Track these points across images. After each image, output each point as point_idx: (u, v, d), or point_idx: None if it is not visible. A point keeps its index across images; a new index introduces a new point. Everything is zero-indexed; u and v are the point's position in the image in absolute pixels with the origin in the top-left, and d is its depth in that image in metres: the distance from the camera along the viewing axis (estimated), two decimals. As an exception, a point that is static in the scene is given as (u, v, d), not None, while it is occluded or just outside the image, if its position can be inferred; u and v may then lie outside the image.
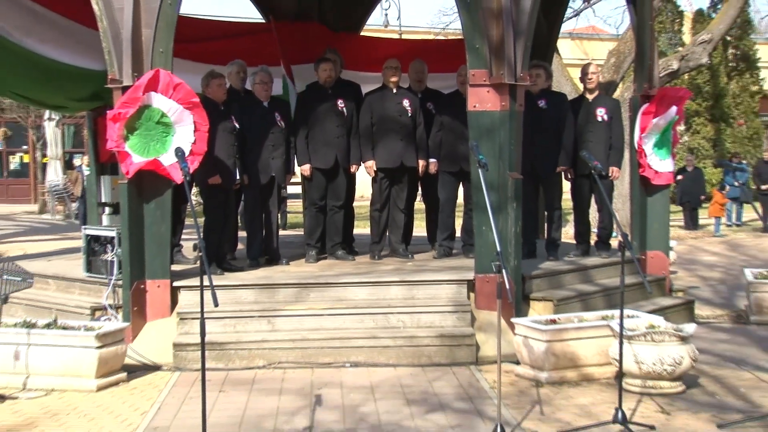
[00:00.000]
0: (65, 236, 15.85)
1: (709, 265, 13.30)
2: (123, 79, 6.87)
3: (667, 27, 27.32)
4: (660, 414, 5.50)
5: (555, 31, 10.33)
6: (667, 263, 8.95)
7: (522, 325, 6.39)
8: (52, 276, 8.03)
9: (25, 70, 8.67)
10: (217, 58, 8.98)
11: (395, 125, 8.31)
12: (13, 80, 8.69)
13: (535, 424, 5.27)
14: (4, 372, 6.13)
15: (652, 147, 8.47)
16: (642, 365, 5.85)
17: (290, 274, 7.71)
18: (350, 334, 6.84)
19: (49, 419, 5.53)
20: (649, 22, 8.76)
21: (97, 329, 6.27)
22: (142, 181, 6.93)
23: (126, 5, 6.83)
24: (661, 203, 8.73)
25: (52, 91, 9.46)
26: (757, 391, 6.03)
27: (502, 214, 6.97)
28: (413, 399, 5.83)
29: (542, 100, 8.26)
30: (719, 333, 8.14)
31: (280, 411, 5.58)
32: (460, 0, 7.12)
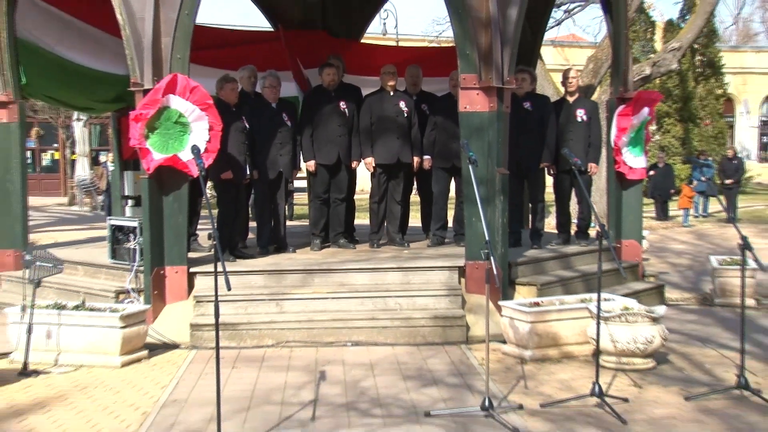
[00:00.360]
0: (92, 226, 15.84)
1: (678, 253, 13.33)
2: (144, 82, 6.88)
3: (641, 36, 27.38)
4: (633, 388, 5.53)
5: (538, 39, 10.32)
6: (640, 251, 8.95)
7: (508, 307, 6.40)
8: (80, 262, 8.04)
9: (55, 74, 8.67)
10: (229, 63, 8.95)
11: (392, 125, 8.30)
12: (45, 84, 8.69)
13: (519, 397, 5.29)
14: (37, 349, 6.12)
15: (626, 145, 8.47)
16: (617, 344, 5.87)
17: (296, 261, 7.72)
18: (351, 316, 6.85)
19: (78, 392, 5.56)
20: (624, 31, 8.76)
21: (121, 311, 6.28)
22: (162, 176, 6.94)
23: (147, 16, 6.83)
24: (634, 196, 8.74)
25: (79, 93, 9.46)
26: (720, 367, 6.06)
27: (491, 207, 6.97)
28: (409, 375, 5.84)
29: (527, 102, 8.26)
30: (687, 314, 8.17)
31: (287, 386, 5.60)
32: (452, 10, 7.10)
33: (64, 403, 5.31)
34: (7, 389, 5.63)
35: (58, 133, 28.44)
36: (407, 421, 4.84)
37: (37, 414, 5.09)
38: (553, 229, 9.16)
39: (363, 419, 4.88)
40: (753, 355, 6.23)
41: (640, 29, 27.40)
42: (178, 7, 6.85)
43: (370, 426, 4.75)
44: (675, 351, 6.50)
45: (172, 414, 5.01)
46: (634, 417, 4.88)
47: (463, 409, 5.00)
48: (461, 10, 6.99)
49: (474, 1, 6.95)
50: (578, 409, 5.04)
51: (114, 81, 8.75)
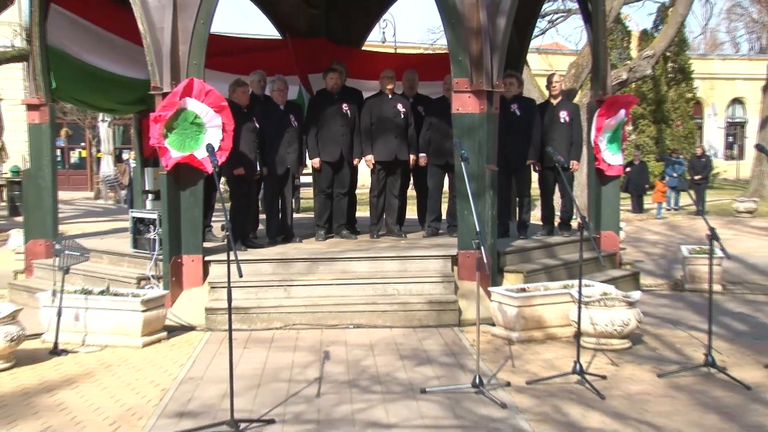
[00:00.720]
0: (115, 218, 15.85)
1: (652, 243, 13.35)
2: (163, 86, 6.86)
3: (618, 44, 27.50)
4: (611, 366, 5.54)
5: (525, 46, 10.29)
6: (618, 241, 8.95)
7: (497, 293, 6.40)
8: (105, 251, 8.03)
9: (83, 79, 8.68)
10: (241, 68, 8.93)
11: (391, 125, 8.28)
12: (73, 88, 8.69)
13: (507, 375, 5.30)
14: (66, 330, 6.14)
15: (605, 144, 8.47)
16: (596, 326, 5.87)
17: (303, 250, 7.71)
18: (353, 301, 6.84)
19: (104, 370, 5.57)
20: (602, 39, 8.74)
21: (142, 296, 6.29)
22: (179, 172, 6.93)
23: (166, 26, 6.82)
24: (612, 191, 8.72)
25: (104, 96, 9.45)
26: (690, 347, 6.07)
27: (481, 200, 6.96)
28: (406, 355, 5.85)
29: (514, 104, 8.23)
30: (660, 299, 8.18)
31: (294, 364, 5.60)
32: (446, 20, 7.08)
33: (91, 379, 5.33)
34: (39, 367, 5.66)
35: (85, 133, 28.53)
36: (404, 397, 4.84)
37: (66, 390, 5.10)
38: (538, 221, 9.15)
39: (364, 395, 4.88)
40: (719, 335, 6.24)
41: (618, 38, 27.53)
42: (194, 17, 6.84)
43: (371, 401, 4.75)
44: (649, 332, 6.51)
45: (189, 390, 5.02)
46: (612, 393, 4.89)
47: (456, 386, 5.01)
48: (454, 20, 6.97)
49: (466, 11, 6.93)
50: (561, 385, 5.05)
51: (136, 85, 8.74)
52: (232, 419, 4.21)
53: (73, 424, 4.44)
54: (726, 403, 4.72)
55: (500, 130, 7.35)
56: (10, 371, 5.53)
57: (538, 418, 4.44)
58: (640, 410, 4.58)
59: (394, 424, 4.37)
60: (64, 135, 27.98)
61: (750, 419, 4.43)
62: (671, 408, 4.63)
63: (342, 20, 11.18)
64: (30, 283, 8.19)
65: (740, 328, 6.83)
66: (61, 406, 4.77)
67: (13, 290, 8.26)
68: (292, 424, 4.38)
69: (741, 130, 37.55)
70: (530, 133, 8.26)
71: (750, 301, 8.10)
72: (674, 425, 4.33)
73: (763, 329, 6.78)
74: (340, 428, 4.31)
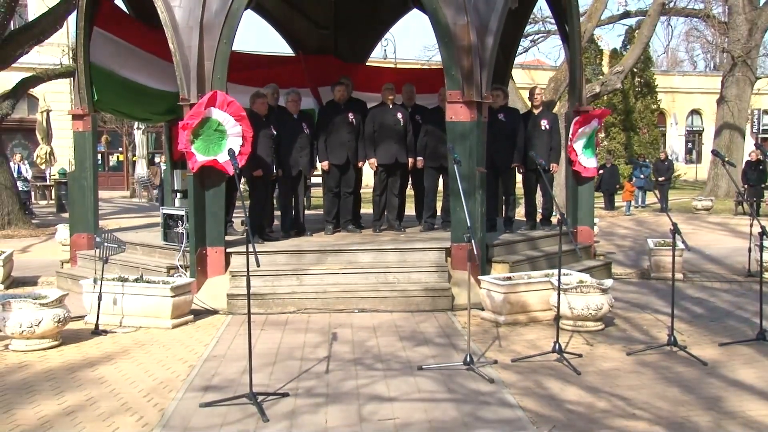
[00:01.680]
0: (148, 214, 15.81)
1: (622, 236, 13.29)
2: (190, 98, 6.84)
3: (591, 61, 27.65)
4: (586, 345, 5.51)
5: (510, 63, 10.24)
6: (592, 235, 8.92)
7: (486, 281, 6.36)
8: (139, 243, 8.00)
9: (121, 92, 8.68)
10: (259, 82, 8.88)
11: (391, 132, 8.25)
12: (112, 100, 8.69)
13: (494, 354, 5.26)
14: (105, 313, 6.12)
15: (581, 149, 8.43)
16: (573, 310, 5.84)
17: (313, 243, 7.67)
18: (358, 288, 6.80)
19: (138, 348, 5.55)
20: (578, 57, 8.72)
21: (172, 283, 6.26)
22: (204, 174, 6.89)
23: (193, 45, 6.80)
24: (587, 190, 8.69)
25: (139, 107, 9.45)
26: (655, 328, 6.05)
27: (471, 199, 6.91)
28: (405, 336, 5.81)
29: (501, 113, 8.18)
30: (629, 286, 8.14)
31: (306, 344, 5.57)
32: (440, 39, 7.04)
33: (127, 356, 5.31)
34: (82, 345, 5.66)
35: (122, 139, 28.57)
36: (403, 373, 4.81)
37: (106, 365, 5.09)
38: (522, 217, 9.12)
39: (367, 372, 4.85)
40: (680, 318, 6.23)
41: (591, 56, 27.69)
42: (218, 38, 6.81)
43: (374, 377, 4.72)
44: (619, 316, 6.48)
45: (213, 367, 4.99)
46: (587, 369, 4.87)
47: (449, 364, 4.97)
48: (448, 39, 6.93)
49: (458, 32, 6.89)
50: (542, 363, 5.02)
51: (166, 97, 8.72)
52: (251, 392, 4.18)
53: (113, 395, 4.43)
54: (686, 377, 4.72)
55: (488, 136, 7.32)
56: (57, 348, 5.53)
57: (521, 392, 4.41)
58: (612, 384, 4.56)
59: (394, 397, 4.34)
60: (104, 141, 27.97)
61: (707, 391, 4.44)
62: (638, 382, 4.61)
63: (348, 39, 11.15)
64: (74, 271, 8.17)
65: (699, 311, 6.80)
66: (101, 379, 4.76)
67: (60, 277, 8.24)
68: (304, 397, 4.35)
69: (698, 138, 37.92)
70: (515, 139, 8.22)
71: (707, 287, 8.07)
72: (641, 397, 4.31)
73: (718, 312, 6.75)
74: (346, 401, 4.27)
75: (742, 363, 5.04)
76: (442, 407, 4.16)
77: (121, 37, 8.55)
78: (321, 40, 11.08)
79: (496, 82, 7.98)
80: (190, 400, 4.28)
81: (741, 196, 14.86)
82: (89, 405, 4.26)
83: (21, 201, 15.10)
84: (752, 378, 4.69)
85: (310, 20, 11.09)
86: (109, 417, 4.06)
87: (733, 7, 21.08)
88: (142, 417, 4.05)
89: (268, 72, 9.93)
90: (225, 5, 6.81)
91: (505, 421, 3.93)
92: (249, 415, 4.02)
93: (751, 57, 21.23)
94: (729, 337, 5.73)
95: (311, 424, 3.92)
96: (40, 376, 4.86)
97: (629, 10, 22.70)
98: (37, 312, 5.44)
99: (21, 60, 15.02)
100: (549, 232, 8.41)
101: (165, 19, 6.87)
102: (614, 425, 3.88)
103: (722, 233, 13.66)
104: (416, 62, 24.78)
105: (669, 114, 36.04)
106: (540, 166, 5.90)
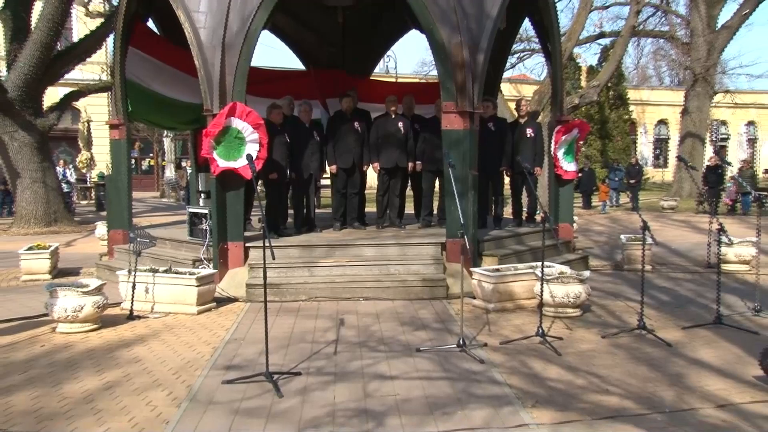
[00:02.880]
0: (176, 213, 15.83)
1: (598, 233, 13.25)
2: (213, 109, 6.81)
3: (571, 76, 27.71)
4: (566, 330, 5.48)
5: (498, 77, 10.20)
6: (572, 231, 8.90)
7: (477, 272, 6.33)
8: (168, 239, 7.98)
9: (152, 104, 8.69)
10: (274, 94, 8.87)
11: (393, 139, 8.21)
12: (145, 111, 8.70)
13: (485, 338, 5.23)
14: (139, 300, 6.12)
15: (562, 154, 8.40)
16: (555, 298, 5.81)
17: (323, 238, 7.64)
18: (363, 279, 6.77)
19: (167, 331, 5.54)
20: (559, 72, 8.69)
21: (197, 274, 6.24)
22: (225, 177, 6.87)
23: (216, 62, 6.78)
24: (568, 191, 8.67)
25: (168, 117, 9.45)
26: (627, 314, 6.02)
27: (464, 199, 6.88)
28: (405, 321, 5.78)
29: (490, 122, 8.15)
30: (604, 277, 8.10)
31: (316, 329, 5.54)
32: (436, 56, 7.01)
33: (158, 338, 5.30)
34: (119, 328, 5.65)
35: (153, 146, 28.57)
36: (403, 354, 4.78)
37: (140, 346, 5.08)
38: (509, 215, 9.08)
39: (371, 353, 4.82)
40: (649, 305, 6.19)
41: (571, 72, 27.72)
42: (238, 55, 6.79)
43: (377, 358, 4.69)
44: (595, 303, 6.45)
45: (234, 348, 4.97)
46: (567, 351, 4.84)
47: (444, 346, 4.94)
48: (443, 56, 6.90)
49: (452, 49, 6.85)
50: (527, 345, 4.99)
51: (192, 108, 8.69)
52: (267, 371, 4.16)
53: (146, 372, 4.42)
54: (653, 356, 4.71)
55: (480, 142, 7.28)
56: (97, 331, 5.54)
57: (508, 371, 4.38)
58: (589, 364, 4.54)
59: (395, 375, 4.31)
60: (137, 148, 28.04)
61: (671, 369, 4.44)
62: (612, 362, 4.59)
63: (354, 55, 11.10)
64: (111, 263, 8.17)
65: (665, 299, 6.78)
66: (135, 358, 4.76)
67: (99, 269, 8.23)
68: (315, 375, 4.33)
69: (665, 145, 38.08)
70: (503, 146, 8.18)
71: (672, 278, 8.03)
72: (615, 375, 4.29)
73: (681, 300, 6.73)
74: (352, 379, 4.25)
75: (702, 344, 5.05)
76: (437, 385, 4.14)
77: (153, 55, 8.55)
78: (330, 55, 11.04)
79: (486, 94, 7.94)
80: (214, 378, 4.27)
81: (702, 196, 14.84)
82: (126, 381, 4.26)
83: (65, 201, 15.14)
84: (710, 357, 4.70)
85: (320, 38, 11.06)
86: (143, 391, 4.06)
87: (694, 30, 21.32)
88: (172, 392, 4.04)
89: (281, 84, 9.89)
90: (244, 26, 6.78)
91: (494, 397, 3.91)
92: (266, 392, 4.01)
93: (710, 74, 21.48)
94: (691, 321, 5.72)
95: (321, 399, 3.90)
96: (83, 355, 4.88)
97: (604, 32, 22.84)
98: (80, 299, 5.45)
99: (66, 76, 15.08)
100: (533, 228, 8.37)
101: (191, 39, 6.85)
102: (590, 400, 3.86)
103: (685, 230, 13.61)
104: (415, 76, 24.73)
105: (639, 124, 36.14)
106: (525, 170, 5.86)
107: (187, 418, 3.62)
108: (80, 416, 3.68)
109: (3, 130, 13.18)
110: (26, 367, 4.57)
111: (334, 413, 3.68)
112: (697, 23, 20.98)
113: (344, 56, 11.04)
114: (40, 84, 13.48)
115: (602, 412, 3.68)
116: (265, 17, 6.85)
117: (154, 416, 3.67)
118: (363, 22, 10.69)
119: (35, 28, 13.00)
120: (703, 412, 3.67)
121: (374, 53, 11.93)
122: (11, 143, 13.28)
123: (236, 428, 3.49)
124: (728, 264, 8.19)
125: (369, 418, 3.60)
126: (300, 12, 10.52)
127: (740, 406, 3.76)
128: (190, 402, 3.86)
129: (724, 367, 4.47)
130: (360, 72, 11.13)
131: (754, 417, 3.61)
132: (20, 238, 11.87)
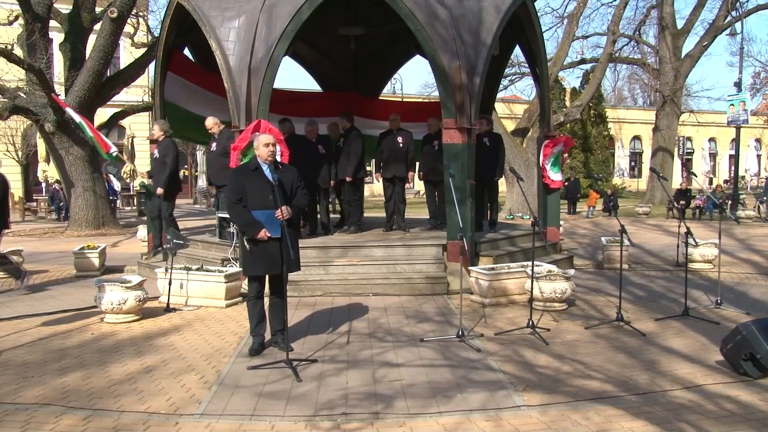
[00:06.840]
0: (207, 218, 15.86)
1: (582, 235, 13.15)
2: (240, 125, 6.79)
3: (557, 97, 27.91)
4: (553, 322, 5.43)
5: (493, 97, 10.16)
6: (559, 234, 8.83)
7: (474, 270, 6.29)
8: (200, 240, 7.98)
9: (187, 122, 8.73)
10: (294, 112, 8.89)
11: (394, 153, 8.17)
12: (181, 127, 8.75)
13: (481, 329, 5.18)
14: (174, 295, 6.12)
15: (550, 166, 8.34)
16: (543, 293, 5.75)
17: (336, 240, 7.61)
18: (372, 276, 6.74)
19: (199, 322, 5.53)
20: (546, 93, 8.62)
21: (225, 271, 6.23)
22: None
23: (243, 84, 6.76)
24: (555, 199, 8.59)
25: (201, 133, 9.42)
26: (607, 308, 5.96)
27: (463, 205, 6.82)
28: (410, 315, 5.74)
29: (486, 137, 8.11)
30: (587, 274, 8.03)
31: (330, 321, 5.51)
32: (438, 79, 6.98)
33: (191, 329, 5.29)
34: (157, 319, 5.64)
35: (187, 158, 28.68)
36: (409, 344, 4.74)
37: (175, 335, 5.07)
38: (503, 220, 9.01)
39: (380, 343, 4.78)
40: (626, 299, 6.08)
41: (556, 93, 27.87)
42: (262, 78, 6.77)
43: (385, 347, 4.65)
44: (579, 298, 6.39)
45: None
46: (554, 340, 4.79)
47: (445, 337, 4.90)
48: (444, 78, 6.86)
49: (452, 73, 6.82)
50: (519, 336, 4.94)
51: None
52: (287, 359, 4.13)
53: (180, 358, 4.41)
54: (630, 345, 4.67)
55: (476, 155, 7.24)
56: (138, 322, 5.55)
57: (502, 359, 4.34)
58: (573, 352, 4.49)
59: (401, 363, 4.27)
60: (173, 160, 28.13)
61: (645, 356, 4.40)
62: (594, 350, 4.54)
63: (365, 78, 11.09)
64: (151, 262, 8.16)
65: (640, 294, 6.71)
66: (171, 345, 4.75)
67: (140, 267, 8.22)
68: (329, 363, 4.30)
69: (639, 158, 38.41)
70: (497, 158, 8.14)
71: (647, 275, 7.95)
72: (596, 362, 4.24)
73: (655, 295, 6.66)
74: (363, 366, 4.21)
75: (672, 334, 5.01)
76: (439, 371, 4.09)
77: (188, 79, 8.59)
78: (343, 78, 11.04)
79: (482, 112, 7.90)
80: (240, 364, 4.24)
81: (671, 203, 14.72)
82: (163, 365, 4.25)
83: (112, 208, 15.34)
84: (679, 345, 4.67)
85: (334, 63, 11.07)
86: (178, 375, 4.05)
87: (663, 58, 21.64)
88: (203, 376, 4.03)
89: (301, 104, 9.92)
90: (268, 53, 6.79)
91: (489, 382, 3.87)
92: (286, 377, 3.98)
93: (677, 96, 21.74)
94: (662, 313, 5.67)
95: (335, 384, 3.87)
96: (126, 342, 4.88)
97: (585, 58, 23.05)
98: (124, 293, 5.46)
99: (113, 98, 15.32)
100: (524, 231, 8.31)
101: (221, 64, 6.86)
102: (575, 384, 3.82)
103: (657, 233, 13.51)
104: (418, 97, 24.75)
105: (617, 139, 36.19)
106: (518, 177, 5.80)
107: (217, 399, 3.60)
108: (124, 395, 3.68)
109: (60, 146, 13.42)
110: (78, 352, 4.59)
111: (347, 396, 3.65)
112: (665, 52, 21.40)
113: (356, 79, 11.04)
114: (92, 105, 13.69)
115: (585, 394, 3.64)
116: (286, 45, 6.86)
117: (188, 397, 3.65)
118: (372, 48, 10.69)
119: (89, 57, 13.26)
120: (672, 393, 3.65)
121: (383, 76, 11.92)
122: (67, 157, 13.51)
123: (260, 409, 3.46)
124: (694, 263, 8.14)
125: (378, 401, 3.57)
126: (317, 40, 10.54)
127: (704, 388, 3.74)
128: (219, 385, 3.84)
129: (691, 354, 4.43)
130: (370, 92, 11.13)
131: (715, 397, 3.60)
132: (74, 240, 12.00)
